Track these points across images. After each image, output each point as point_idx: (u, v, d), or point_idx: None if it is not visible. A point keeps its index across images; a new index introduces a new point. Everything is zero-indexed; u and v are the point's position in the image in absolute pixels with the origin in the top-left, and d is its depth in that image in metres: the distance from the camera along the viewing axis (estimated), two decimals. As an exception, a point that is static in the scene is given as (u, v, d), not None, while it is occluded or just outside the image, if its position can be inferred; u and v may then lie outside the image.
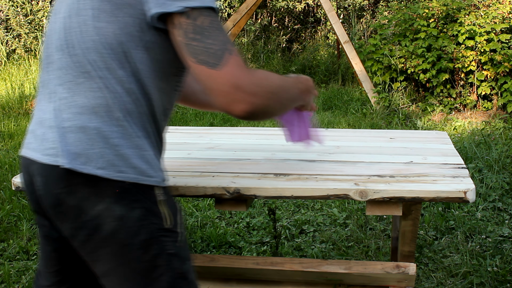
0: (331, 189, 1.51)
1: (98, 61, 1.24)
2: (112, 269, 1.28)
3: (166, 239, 1.29)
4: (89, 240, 1.26)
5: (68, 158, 1.22)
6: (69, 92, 1.26)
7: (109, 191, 1.23)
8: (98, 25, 1.24)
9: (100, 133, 1.23)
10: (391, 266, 1.89)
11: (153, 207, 1.27)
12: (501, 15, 5.84)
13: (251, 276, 2.02)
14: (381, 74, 6.20)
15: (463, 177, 1.57)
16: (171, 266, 1.29)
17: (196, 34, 1.19)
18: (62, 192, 1.24)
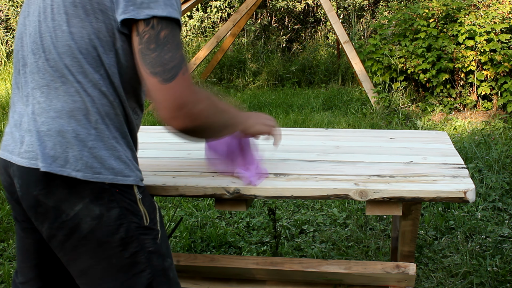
0: (331, 189, 1.51)
1: (74, 66, 1.26)
2: (92, 266, 1.30)
3: (145, 237, 1.32)
4: (68, 239, 1.28)
5: (46, 162, 1.24)
6: (46, 96, 1.28)
7: (87, 192, 1.26)
8: (72, 30, 1.26)
9: (77, 136, 1.26)
10: (391, 266, 1.89)
11: (131, 206, 1.30)
12: (501, 15, 5.84)
13: (251, 276, 2.02)
14: (381, 74, 6.20)
15: (463, 177, 1.58)
16: (151, 263, 1.32)
17: (156, 46, 1.22)
18: (41, 194, 1.27)
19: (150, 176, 1.65)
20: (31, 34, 1.32)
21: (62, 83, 1.27)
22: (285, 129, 2.40)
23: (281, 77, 7.95)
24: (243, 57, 8.35)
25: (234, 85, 7.82)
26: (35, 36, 1.31)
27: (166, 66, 1.22)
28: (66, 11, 1.26)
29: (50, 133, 1.26)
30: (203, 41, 8.61)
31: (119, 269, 1.30)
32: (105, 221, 1.27)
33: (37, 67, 1.29)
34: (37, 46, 1.30)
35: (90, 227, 1.26)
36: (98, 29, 1.26)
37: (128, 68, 1.31)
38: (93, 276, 1.31)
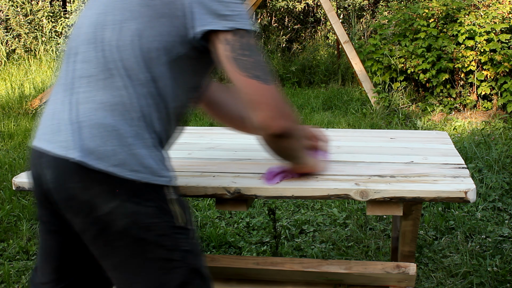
0: (331, 189, 1.51)
1: (127, 61, 1.27)
2: (125, 262, 1.29)
3: (180, 236, 1.31)
4: (101, 234, 1.27)
5: (82, 153, 1.23)
6: (91, 86, 1.27)
7: (123, 190, 1.25)
8: (135, 27, 1.27)
9: (116, 131, 1.25)
10: (391, 266, 1.89)
11: (164, 205, 1.30)
12: (501, 15, 5.84)
13: (251, 276, 2.02)
14: (381, 74, 6.20)
15: (464, 177, 1.57)
16: (186, 262, 1.32)
17: (245, 50, 1.27)
18: (76, 187, 1.25)
19: (150, 176, 1.65)
20: (90, 24, 1.32)
21: (110, 76, 1.27)
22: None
23: (281, 77, 7.95)
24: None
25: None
26: (95, 27, 1.31)
27: (264, 70, 1.28)
28: (132, 9, 1.28)
29: (89, 124, 1.25)
30: (203, 41, 8.60)
31: (153, 265, 1.29)
32: (140, 219, 1.26)
33: (90, 57, 1.29)
34: (95, 37, 1.30)
35: (125, 224, 1.25)
36: (164, 32, 1.27)
37: (187, 74, 1.33)
38: (126, 271, 1.30)
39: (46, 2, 9.54)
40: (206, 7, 1.27)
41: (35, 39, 9.15)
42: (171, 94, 1.32)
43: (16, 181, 1.66)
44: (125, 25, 1.28)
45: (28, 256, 2.93)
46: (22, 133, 5.33)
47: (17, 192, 3.66)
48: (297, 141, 1.43)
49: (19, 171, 3.95)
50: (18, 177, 1.68)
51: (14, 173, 4.05)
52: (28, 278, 2.68)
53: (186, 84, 1.36)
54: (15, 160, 4.40)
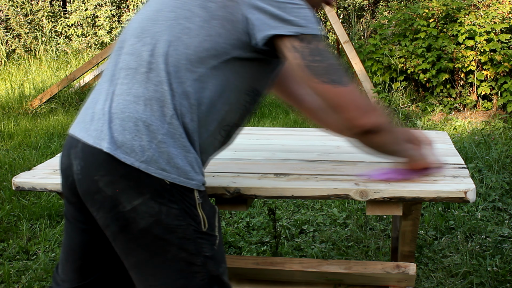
0: (331, 189, 1.51)
1: (170, 58, 1.25)
2: (145, 261, 1.27)
3: (203, 241, 1.28)
4: (122, 231, 1.25)
5: (112, 145, 1.22)
6: (130, 79, 1.27)
7: (148, 188, 1.23)
8: (188, 25, 1.26)
9: (149, 126, 1.23)
10: (391, 266, 1.89)
11: (190, 209, 1.27)
12: (501, 15, 5.84)
13: (251, 276, 2.02)
14: (381, 74, 6.19)
15: (464, 177, 1.57)
16: (207, 268, 1.29)
17: (315, 55, 1.26)
18: (101, 180, 1.23)
19: (150, 176, 1.65)
20: (142, 20, 1.33)
21: (150, 70, 1.25)
22: (285, 129, 2.40)
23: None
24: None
25: (234, 85, 7.82)
26: (146, 22, 1.31)
27: (339, 72, 1.28)
28: (190, 9, 1.27)
29: (122, 116, 1.23)
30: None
31: (173, 267, 1.27)
32: (163, 220, 1.24)
33: (134, 49, 1.29)
34: (143, 31, 1.30)
35: (147, 223, 1.23)
36: (217, 34, 1.26)
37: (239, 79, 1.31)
38: (146, 270, 1.28)
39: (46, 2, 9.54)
40: (268, 12, 1.25)
41: (35, 39, 9.15)
42: (215, 97, 1.29)
43: (16, 181, 1.66)
44: (175, 23, 1.27)
45: (28, 256, 2.93)
46: (22, 133, 5.33)
47: (17, 192, 3.65)
48: (391, 134, 1.40)
49: (19, 171, 3.95)
50: (18, 177, 1.68)
51: (14, 173, 4.05)
52: (28, 278, 2.68)
53: (238, 90, 1.33)
54: (15, 160, 4.40)
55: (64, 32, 9.47)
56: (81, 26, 9.62)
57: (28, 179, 1.66)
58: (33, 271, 2.72)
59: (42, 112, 6.38)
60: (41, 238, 3.08)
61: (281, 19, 1.25)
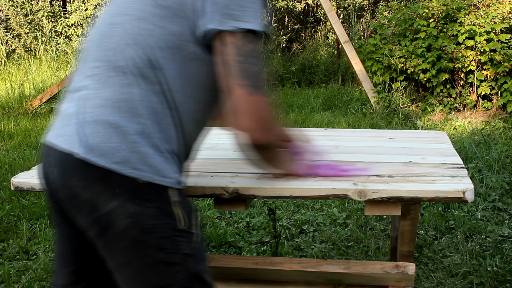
0: (329, 189, 1.51)
1: (136, 59, 1.26)
2: (125, 264, 1.28)
3: (181, 239, 1.28)
4: (102, 235, 1.26)
5: (83, 149, 1.23)
6: (96, 83, 1.28)
7: (123, 189, 1.23)
8: (145, 26, 1.27)
9: (119, 128, 1.24)
10: (391, 266, 1.89)
11: (166, 207, 1.27)
12: (501, 15, 5.84)
13: (251, 276, 2.02)
14: (381, 74, 6.19)
15: (462, 177, 1.57)
16: (186, 266, 1.29)
17: (245, 58, 1.24)
18: (77, 185, 1.24)
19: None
20: (104, 24, 1.34)
21: (117, 74, 1.26)
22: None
23: (281, 77, 7.95)
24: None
25: (234, 85, 7.81)
26: (107, 26, 1.32)
27: (254, 79, 1.25)
28: (142, 9, 1.28)
29: (93, 120, 1.24)
30: (203, 41, 8.59)
31: (152, 269, 1.27)
32: (140, 220, 1.24)
33: (100, 55, 1.30)
34: (103, 37, 1.31)
35: (125, 225, 1.23)
36: (172, 31, 1.26)
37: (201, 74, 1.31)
38: (126, 273, 1.29)
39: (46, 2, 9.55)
40: (217, 4, 1.24)
41: (35, 39, 9.15)
42: (183, 95, 1.30)
43: (15, 181, 1.66)
44: (131, 25, 1.28)
45: (28, 256, 2.93)
46: (22, 133, 5.33)
47: (17, 192, 3.66)
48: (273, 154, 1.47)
49: (19, 171, 3.95)
50: (17, 177, 1.68)
51: (14, 173, 4.05)
52: (28, 278, 2.68)
53: (204, 86, 1.33)
54: (15, 160, 4.41)
55: (64, 32, 9.47)
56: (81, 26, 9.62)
57: (27, 179, 1.66)
58: (33, 271, 2.72)
59: (42, 112, 6.38)
60: (41, 238, 3.08)
61: (228, 14, 1.24)
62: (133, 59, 1.26)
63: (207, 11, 1.25)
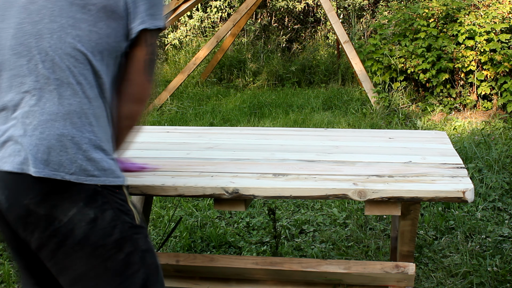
0: (329, 189, 1.51)
1: (77, 67, 1.26)
2: (85, 273, 1.28)
3: (138, 236, 1.32)
4: (60, 247, 1.25)
5: (39, 167, 1.21)
6: (37, 99, 1.25)
7: (81, 195, 1.24)
8: (77, 33, 1.26)
9: (72, 139, 1.25)
10: (391, 266, 1.89)
11: (123, 206, 1.30)
12: (501, 15, 5.83)
13: (251, 276, 2.02)
14: (381, 74, 6.19)
15: (462, 177, 1.57)
16: (145, 262, 1.32)
17: (154, 54, 1.36)
18: (32, 203, 1.23)
19: (149, 176, 1.65)
20: (14, 36, 1.29)
21: (58, 86, 1.25)
22: (284, 129, 2.40)
23: (281, 77, 7.95)
24: (243, 57, 8.34)
25: (234, 85, 7.81)
26: (22, 38, 1.28)
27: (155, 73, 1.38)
28: (71, 15, 1.27)
29: (43, 137, 1.23)
30: (203, 41, 8.60)
31: (113, 273, 1.29)
32: (100, 224, 1.26)
33: (27, 69, 1.26)
34: (27, 49, 1.27)
35: (85, 232, 1.24)
36: (106, 34, 1.29)
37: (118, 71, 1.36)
38: (87, 283, 1.29)
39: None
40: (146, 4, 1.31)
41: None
42: (111, 93, 1.35)
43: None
44: (64, 33, 1.26)
45: (28, 256, 2.93)
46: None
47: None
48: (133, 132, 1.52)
49: None
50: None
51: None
52: (27, 278, 2.68)
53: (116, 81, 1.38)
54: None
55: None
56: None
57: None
58: (33, 271, 2.72)
59: None
60: (41, 238, 3.08)
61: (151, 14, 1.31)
62: (75, 68, 1.26)
63: (139, 11, 1.30)
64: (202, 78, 7.72)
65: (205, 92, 7.29)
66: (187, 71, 6.64)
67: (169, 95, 6.52)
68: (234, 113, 6.11)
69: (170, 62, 8.64)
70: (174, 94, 6.68)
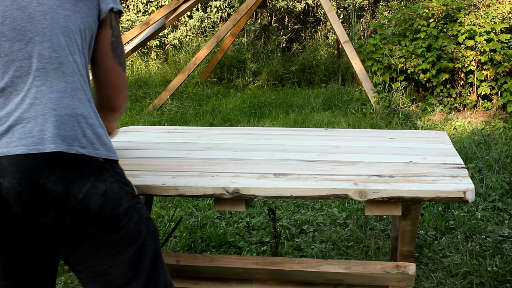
0: (330, 189, 1.51)
1: (71, 46, 1.33)
2: (101, 246, 1.32)
3: (140, 205, 1.39)
4: (77, 224, 1.29)
5: (57, 141, 1.25)
6: (44, 79, 1.29)
7: (92, 170, 1.30)
8: (66, 13, 1.33)
9: (81, 114, 1.31)
10: (391, 266, 1.89)
11: (123, 178, 1.37)
12: (501, 15, 5.83)
13: (251, 276, 2.02)
14: (381, 74, 6.19)
15: (463, 177, 1.57)
16: (149, 229, 1.39)
17: (119, 38, 1.44)
18: (48, 181, 1.25)
19: (149, 176, 1.65)
20: (3, 23, 1.30)
21: (60, 64, 1.31)
22: (284, 129, 2.40)
23: (281, 77, 7.95)
24: (243, 57, 8.34)
25: (234, 85, 7.81)
26: (14, 24, 1.30)
27: (124, 57, 1.47)
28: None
29: (56, 113, 1.28)
30: (203, 41, 8.60)
31: (127, 242, 1.34)
32: (110, 196, 1.31)
33: (26, 52, 1.29)
34: (22, 33, 1.30)
35: (99, 205, 1.29)
36: (86, 14, 1.36)
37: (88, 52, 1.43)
38: (103, 255, 1.33)
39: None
40: None
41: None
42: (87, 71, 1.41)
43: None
44: (55, 14, 1.32)
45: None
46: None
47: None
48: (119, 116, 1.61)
49: None
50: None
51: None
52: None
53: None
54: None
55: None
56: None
57: None
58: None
59: None
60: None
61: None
62: (70, 47, 1.32)
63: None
64: (202, 78, 7.72)
65: (205, 92, 7.29)
66: (187, 71, 6.64)
67: (169, 95, 6.52)
68: (234, 113, 6.10)
69: (170, 62, 8.64)
70: (174, 94, 6.68)
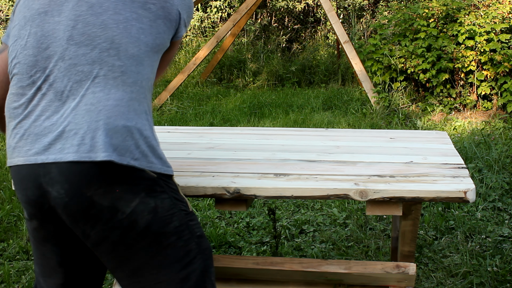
0: (331, 189, 1.51)
1: (138, 58, 1.31)
2: (147, 262, 1.30)
3: (193, 223, 1.36)
4: (123, 238, 1.26)
5: (108, 150, 1.23)
6: (103, 86, 1.28)
7: (142, 185, 1.27)
8: (141, 26, 1.33)
9: (136, 125, 1.28)
10: (391, 266, 1.89)
11: (176, 194, 1.34)
12: (501, 15, 5.83)
13: (251, 276, 2.02)
14: (381, 74, 6.19)
15: (463, 177, 1.57)
16: (201, 247, 1.36)
17: None
18: (95, 194, 1.23)
19: (150, 176, 1.65)
20: (75, 27, 1.30)
21: (121, 73, 1.29)
22: (285, 129, 2.40)
23: (281, 77, 7.95)
24: (243, 57, 8.34)
25: (234, 85, 7.81)
26: (85, 28, 1.30)
27: None
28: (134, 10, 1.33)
29: (110, 121, 1.25)
30: (203, 41, 8.60)
31: (174, 260, 1.31)
32: (160, 212, 1.29)
33: (90, 58, 1.28)
34: (90, 38, 1.29)
35: (147, 221, 1.27)
36: (161, 32, 1.37)
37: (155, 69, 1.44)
38: (149, 272, 1.30)
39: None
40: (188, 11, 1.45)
41: (35, 39, 9.14)
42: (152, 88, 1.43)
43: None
44: (128, 25, 1.32)
45: (28, 256, 2.93)
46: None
47: (17, 192, 3.65)
48: None
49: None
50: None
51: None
52: (28, 278, 2.68)
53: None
54: (15, 160, 4.40)
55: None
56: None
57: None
58: (33, 271, 2.72)
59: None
60: (41, 238, 3.07)
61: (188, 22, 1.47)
62: (136, 58, 1.31)
63: (183, 18, 1.43)
64: (202, 78, 7.72)
65: (205, 92, 7.29)
66: (187, 71, 6.64)
67: (169, 95, 6.52)
68: (234, 113, 6.10)
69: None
70: (174, 94, 6.68)
